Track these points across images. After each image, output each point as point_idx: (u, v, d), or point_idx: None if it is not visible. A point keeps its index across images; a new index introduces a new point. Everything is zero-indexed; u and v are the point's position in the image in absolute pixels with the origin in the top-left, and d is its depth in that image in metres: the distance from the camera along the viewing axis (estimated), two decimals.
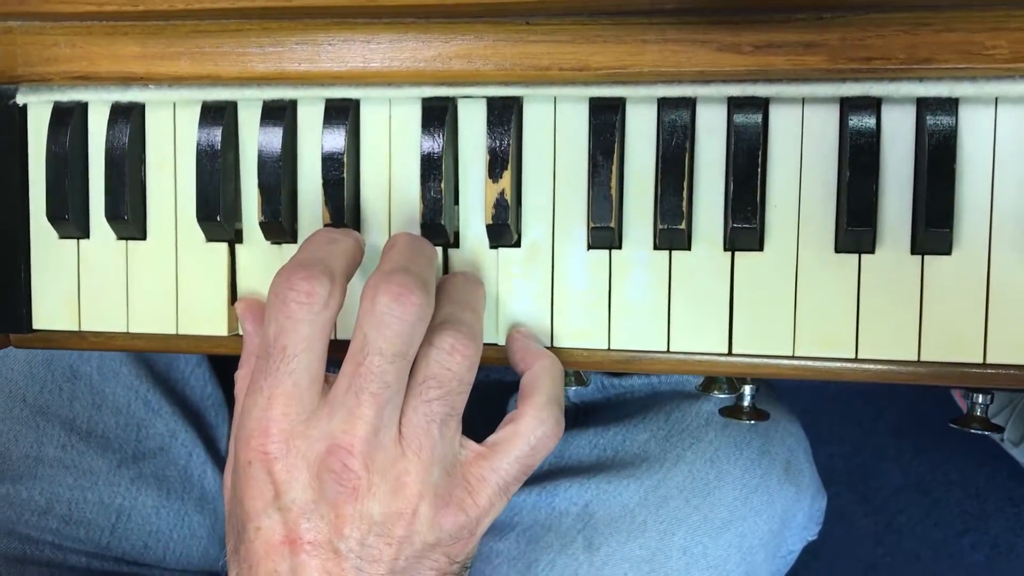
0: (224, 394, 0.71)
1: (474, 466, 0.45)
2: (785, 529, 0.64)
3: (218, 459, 0.68)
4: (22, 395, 0.61)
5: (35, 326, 0.53)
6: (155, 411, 0.66)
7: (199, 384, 0.70)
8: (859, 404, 1.25)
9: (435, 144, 0.47)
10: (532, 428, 0.45)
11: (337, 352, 0.45)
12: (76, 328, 0.52)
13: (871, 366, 0.46)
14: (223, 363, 0.71)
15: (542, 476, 0.64)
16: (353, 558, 0.42)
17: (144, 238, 0.51)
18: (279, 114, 0.49)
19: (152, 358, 0.66)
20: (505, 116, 0.47)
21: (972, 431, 0.51)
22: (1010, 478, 1.21)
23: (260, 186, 0.49)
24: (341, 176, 0.48)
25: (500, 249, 0.49)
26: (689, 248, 0.47)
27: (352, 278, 0.46)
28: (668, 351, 0.47)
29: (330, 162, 0.48)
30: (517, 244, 0.49)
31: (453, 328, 0.44)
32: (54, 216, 0.51)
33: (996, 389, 0.50)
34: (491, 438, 0.46)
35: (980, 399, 0.51)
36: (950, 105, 0.44)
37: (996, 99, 0.44)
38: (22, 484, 0.60)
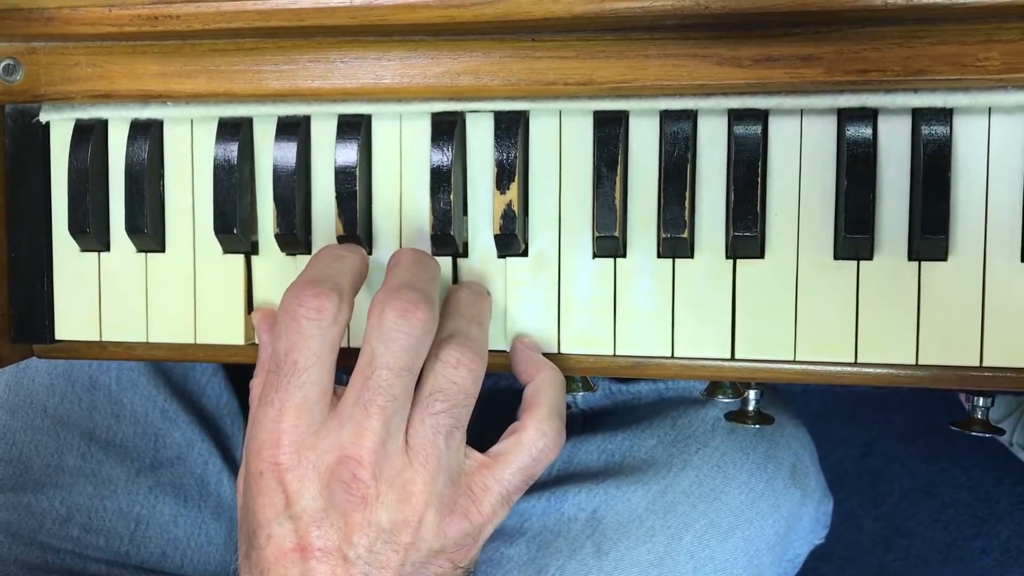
0: (240, 403, 0.71)
1: (478, 476, 0.46)
2: (791, 533, 0.64)
3: (234, 467, 0.69)
4: (43, 406, 0.62)
5: (57, 337, 0.54)
6: (172, 421, 0.66)
7: (215, 394, 0.70)
8: (867, 408, 1.25)
9: (444, 157, 0.49)
10: (534, 440, 0.46)
11: (346, 360, 0.46)
12: (97, 339, 0.53)
13: (870, 370, 0.47)
14: (239, 373, 0.72)
15: (551, 482, 0.64)
16: (361, 564, 0.43)
17: (163, 250, 0.52)
18: (293, 130, 0.50)
19: (169, 368, 0.67)
20: (512, 130, 0.48)
21: (973, 433, 0.52)
22: (1019, 482, 1.21)
23: (275, 199, 0.50)
24: (354, 189, 0.49)
25: (508, 258, 0.50)
26: (692, 256, 0.48)
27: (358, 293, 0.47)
28: (672, 356, 0.48)
29: (343, 176, 0.49)
30: (524, 253, 0.49)
31: (459, 343, 0.45)
32: (75, 230, 0.52)
33: (994, 392, 0.50)
34: (494, 449, 0.47)
35: (980, 402, 0.51)
36: (944, 115, 0.45)
37: (989, 109, 0.45)
38: (43, 493, 0.61)
